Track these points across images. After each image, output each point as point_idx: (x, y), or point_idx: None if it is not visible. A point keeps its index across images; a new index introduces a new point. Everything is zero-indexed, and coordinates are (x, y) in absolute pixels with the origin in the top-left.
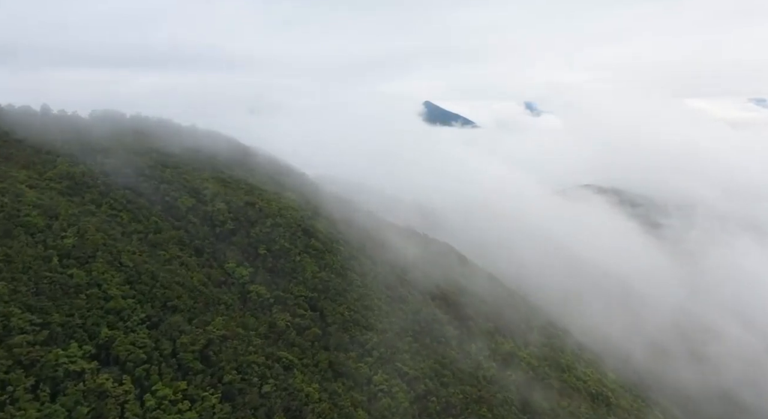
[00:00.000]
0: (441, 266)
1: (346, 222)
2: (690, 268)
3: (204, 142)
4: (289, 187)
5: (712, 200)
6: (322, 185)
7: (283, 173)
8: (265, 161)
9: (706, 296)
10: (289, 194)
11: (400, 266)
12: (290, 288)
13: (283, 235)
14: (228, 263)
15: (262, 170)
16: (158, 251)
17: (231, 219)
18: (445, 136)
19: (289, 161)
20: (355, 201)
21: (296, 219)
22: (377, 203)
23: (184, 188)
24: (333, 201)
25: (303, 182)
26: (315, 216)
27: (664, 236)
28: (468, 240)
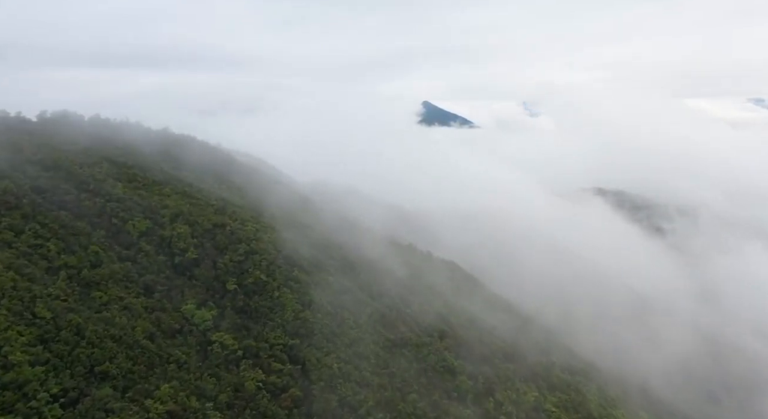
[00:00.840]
0: (445, 291)
1: (338, 245)
2: (699, 276)
3: (173, 149)
4: (272, 202)
5: (714, 202)
6: (312, 196)
7: (269, 184)
8: (249, 170)
9: (720, 308)
10: (271, 210)
11: (400, 296)
12: (265, 335)
13: (259, 264)
14: (186, 305)
15: (242, 181)
16: (93, 293)
17: (195, 246)
18: (442, 137)
19: (279, 166)
20: (350, 214)
21: (277, 243)
22: (371, 212)
23: (138, 206)
24: (324, 217)
25: (290, 194)
26: (300, 238)
27: (668, 241)
28: (466, 249)
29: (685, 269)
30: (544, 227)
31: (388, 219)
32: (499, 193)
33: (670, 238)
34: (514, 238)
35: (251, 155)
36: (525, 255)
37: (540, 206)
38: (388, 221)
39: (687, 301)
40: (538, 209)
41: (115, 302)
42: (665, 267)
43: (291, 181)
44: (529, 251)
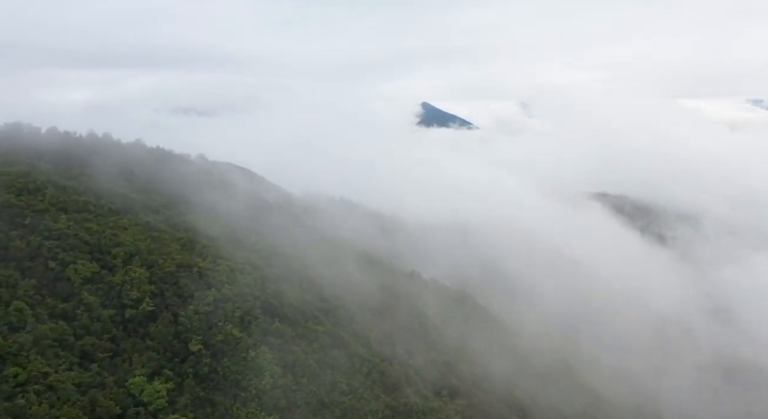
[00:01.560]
0: (451, 327)
1: (330, 281)
2: (709, 290)
3: (142, 167)
4: (254, 227)
5: (716, 208)
6: (303, 215)
7: (253, 204)
8: (231, 188)
9: (735, 326)
10: (251, 240)
11: (403, 341)
12: (235, 412)
13: (231, 315)
14: (134, 376)
15: (221, 203)
16: (7, 370)
17: (152, 294)
18: (441, 139)
19: (270, 175)
20: (345, 234)
21: (255, 285)
22: (365, 228)
23: (84, 245)
24: (315, 241)
25: (277, 216)
26: (285, 275)
27: (672, 250)
28: (461, 264)
29: (693, 282)
30: (543, 237)
31: (382, 236)
32: (496, 200)
33: (675, 247)
34: (512, 250)
35: (238, 167)
36: (524, 269)
37: (539, 214)
38: (383, 239)
39: (699, 318)
40: (538, 217)
41: (36, 381)
42: (673, 281)
43: (280, 195)
44: (529, 265)
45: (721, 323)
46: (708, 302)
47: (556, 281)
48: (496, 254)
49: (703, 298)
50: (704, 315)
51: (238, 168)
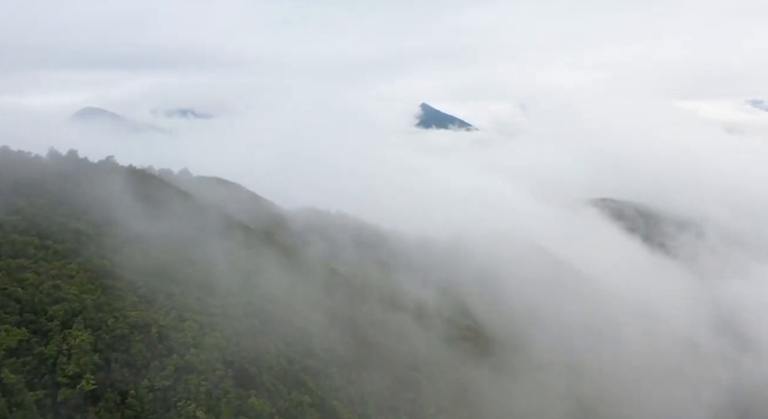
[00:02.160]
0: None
1: (321, 330)
2: (717, 304)
3: (102, 195)
4: (231, 262)
5: (717, 214)
6: (292, 241)
7: (239, 233)
8: (213, 215)
9: (747, 345)
10: (226, 283)
11: (413, 404)
12: None
13: (195, 391)
14: None
15: (196, 237)
16: None
17: (96, 367)
18: (439, 141)
19: (260, 186)
20: (339, 259)
21: (227, 348)
22: (360, 244)
23: (13, 304)
24: (305, 279)
25: (266, 248)
26: (265, 330)
27: (676, 259)
28: (462, 277)
29: (700, 295)
30: (543, 247)
31: (376, 253)
32: (493, 209)
33: (678, 256)
34: (511, 262)
35: (226, 182)
36: (525, 284)
37: (538, 223)
38: (377, 256)
39: (710, 338)
40: (537, 226)
41: None
42: (680, 293)
43: (271, 216)
44: (529, 278)
45: (734, 343)
46: (718, 318)
47: (560, 297)
48: (494, 267)
49: (712, 314)
50: (717, 335)
51: (226, 184)
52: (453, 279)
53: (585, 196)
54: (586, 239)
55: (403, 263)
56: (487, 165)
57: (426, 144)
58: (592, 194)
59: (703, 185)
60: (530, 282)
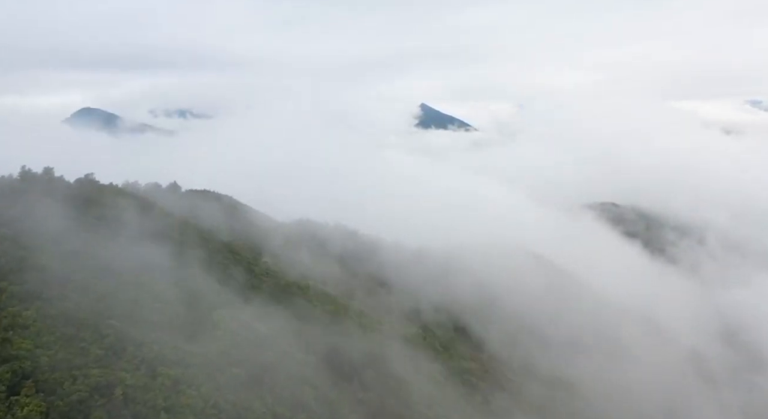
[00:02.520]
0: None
1: (312, 387)
2: (721, 315)
3: (75, 222)
4: (218, 300)
5: (718, 219)
6: (284, 265)
7: (224, 259)
8: (198, 238)
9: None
10: (210, 323)
11: None
12: None
13: None
14: None
15: (176, 269)
16: None
17: None
18: (436, 143)
19: (254, 197)
20: (341, 284)
21: (203, 412)
22: (356, 256)
23: None
24: (295, 312)
25: (254, 280)
26: (251, 379)
27: (674, 264)
28: (459, 289)
29: (703, 304)
30: (542, 253)
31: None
32: (491, 215)
33: (679, 262)
34: (510, 272)
35: (217, 195)
36: (525, 294)
37: (537, 230)
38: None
39: (715, 348)
40: (535, 233)
41: None
42: (682, 301)
43: (259, 230)
44: (529, 288)
45: (742, 355)
46: (723, 329)
47: (562, 309)
48: (493, 279)
49: (717, 325)
50: (723, 347)
51: (217, 198)
52: (450, 294)
53: (584, 199)
54: (587, 246)
55: (399, 278)
56: (486, 168)
57: (425, 145)
58: (591, 198)
59: (703, 188)
60: (530, 294)
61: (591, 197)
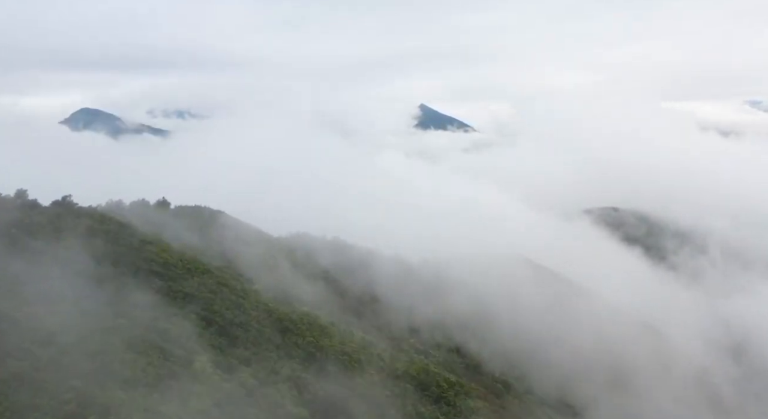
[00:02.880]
0: None
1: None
2: (728, 327)
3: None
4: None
5: (718, 225)
6: (282, 291)
7: (208, 297)
8: (179, 270)
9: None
10: (191, 376)
11: None
12: None
13: None
14: None
15: (148, 293)
16: None
17: None
18: (434, 145)
19: (247, 212)
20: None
21: None
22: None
23: None
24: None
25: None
26: None
27: (677, 272)
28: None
29: (708, 314)
30: (541, 266)
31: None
32: (488, 224)
33: (681, 270)
34: (509, 284)
35: (208, 211)
36: (523, 311)
37: (537, 239)
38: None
39: (724, 364)
40: (536, 243)
41: None
42: (688, 314)
43: (248, 253)
44: (529, 302)
45: (753, 372)
46: (731, 343)
47: (563, 323)
48: (491, 292)
49: (725, 338)
50: (733, 362)
51: (210, 215)
52: (447, 311)
53: (584, 203)
54: (587, 253)
55: (393, 293)
56: (484, 170)
57: (424, 146)
58: (590, 201)
59: (705, 191)
60: (532, 308)
61: (590, 200)
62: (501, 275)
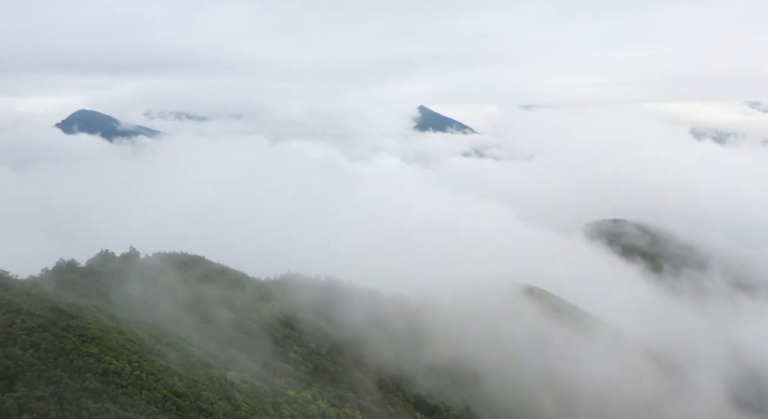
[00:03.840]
0: None
1: None
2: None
3: None
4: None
5: (719, 243)
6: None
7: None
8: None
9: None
10: None
11: None
12: None
13: None
14: None
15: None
16: None
17: None
18: (431, 148)
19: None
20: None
21: None
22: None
23: None
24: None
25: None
26: None
27: (680, 294)
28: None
29: (715, 339)
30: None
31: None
32: (479, 243)
33: (686, 292)
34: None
35: (185, 257)
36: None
37: (533, 258)
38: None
39: (739, 391)
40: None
41: None
42: (697, 338)
43: (233, 305)
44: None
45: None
46: (744, 370)
47: (564, 352)
48: (485, 320)
49: (737, 365)
50: (746, 390)
51: (187, 262)
52: (438, 351)
53: (581, 216)
54: (588, 273)
55: (378, 334)
56: (481, 178)
57: (422, 149)
58: (588, 214)
59: (706, 205)
60: (528, 338)
61: (589, 212)
62: (493, 310)
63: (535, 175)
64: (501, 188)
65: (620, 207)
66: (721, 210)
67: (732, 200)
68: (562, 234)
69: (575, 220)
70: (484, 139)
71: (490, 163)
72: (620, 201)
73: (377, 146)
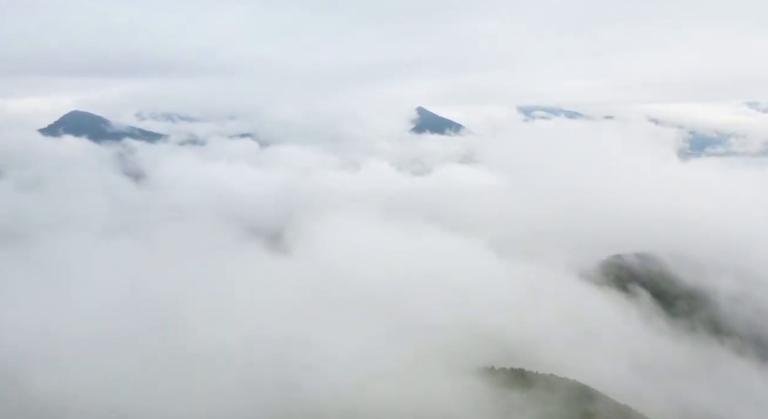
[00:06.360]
0: None
1: None
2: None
3: None
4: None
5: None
6: None
7: None
8: None
9: None
10: None
11: None
12: None
13: None
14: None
15: None
16: None
17: None
18: (429, 150)
19: None
20: None
21: None
22: None
23: None
24: None
25: None
26: None
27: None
28: None
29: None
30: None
31: None
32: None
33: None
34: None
35: None
36: None
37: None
38: None
39: None
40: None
41: None
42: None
43: None
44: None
45: None
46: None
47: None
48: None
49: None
50: None
51: None
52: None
53: (579, 252)
54: (586, 320)
55: None
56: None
57: (416, 153)
58: (586, 248)
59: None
60: None
61: (587, 246)
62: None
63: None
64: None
65: (624, 239)
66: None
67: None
68: (565, 272)
69: (581, 253)
70: (481, 142)
71: (482, 172)
72: (623, 233)
73: (371, 150)
